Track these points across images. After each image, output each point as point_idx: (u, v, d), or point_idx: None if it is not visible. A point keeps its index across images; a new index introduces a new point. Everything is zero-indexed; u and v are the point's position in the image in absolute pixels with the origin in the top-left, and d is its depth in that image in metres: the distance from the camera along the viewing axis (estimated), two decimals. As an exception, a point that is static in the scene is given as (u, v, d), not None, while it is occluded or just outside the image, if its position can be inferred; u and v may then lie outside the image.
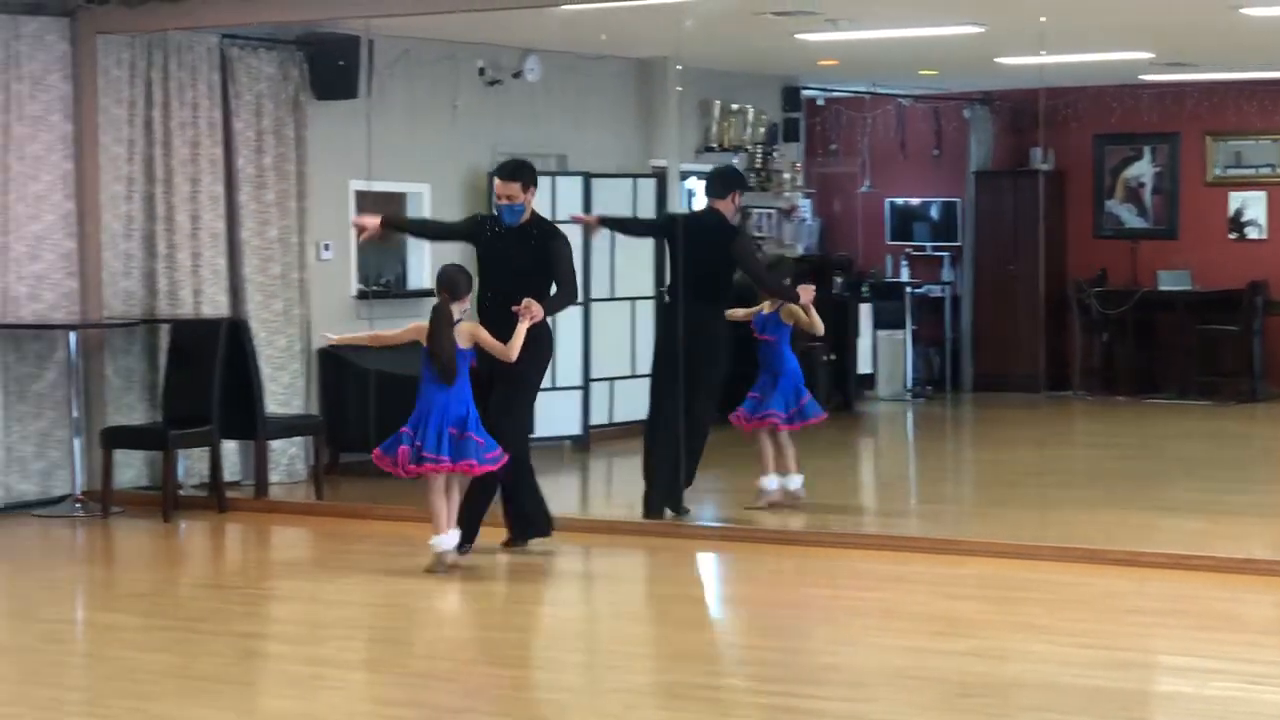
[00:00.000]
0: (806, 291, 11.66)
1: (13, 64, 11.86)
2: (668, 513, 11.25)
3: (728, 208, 11.44)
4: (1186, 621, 8.87)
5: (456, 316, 9.79)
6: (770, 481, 11.72)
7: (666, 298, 11.56)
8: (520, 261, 10.12)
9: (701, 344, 11.19)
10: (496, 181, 10.26)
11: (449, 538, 9.81)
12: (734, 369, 11.51)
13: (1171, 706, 7.39)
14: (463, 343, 9.75)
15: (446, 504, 9.79)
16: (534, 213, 10.29)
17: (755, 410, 11.68)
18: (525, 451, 10.32)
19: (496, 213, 10.33)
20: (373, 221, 10.52)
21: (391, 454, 9.72)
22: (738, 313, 11.71)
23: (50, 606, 9.42)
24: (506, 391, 10.09)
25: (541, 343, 10.15)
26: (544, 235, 10.24)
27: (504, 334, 9.79)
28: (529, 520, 10.41)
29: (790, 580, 9.86)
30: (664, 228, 11.82)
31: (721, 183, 11.53)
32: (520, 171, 10.22)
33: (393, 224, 10.83)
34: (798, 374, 11.79)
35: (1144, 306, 17.87)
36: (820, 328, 11.82)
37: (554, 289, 10.14)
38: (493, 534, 10.33)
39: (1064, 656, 7.95)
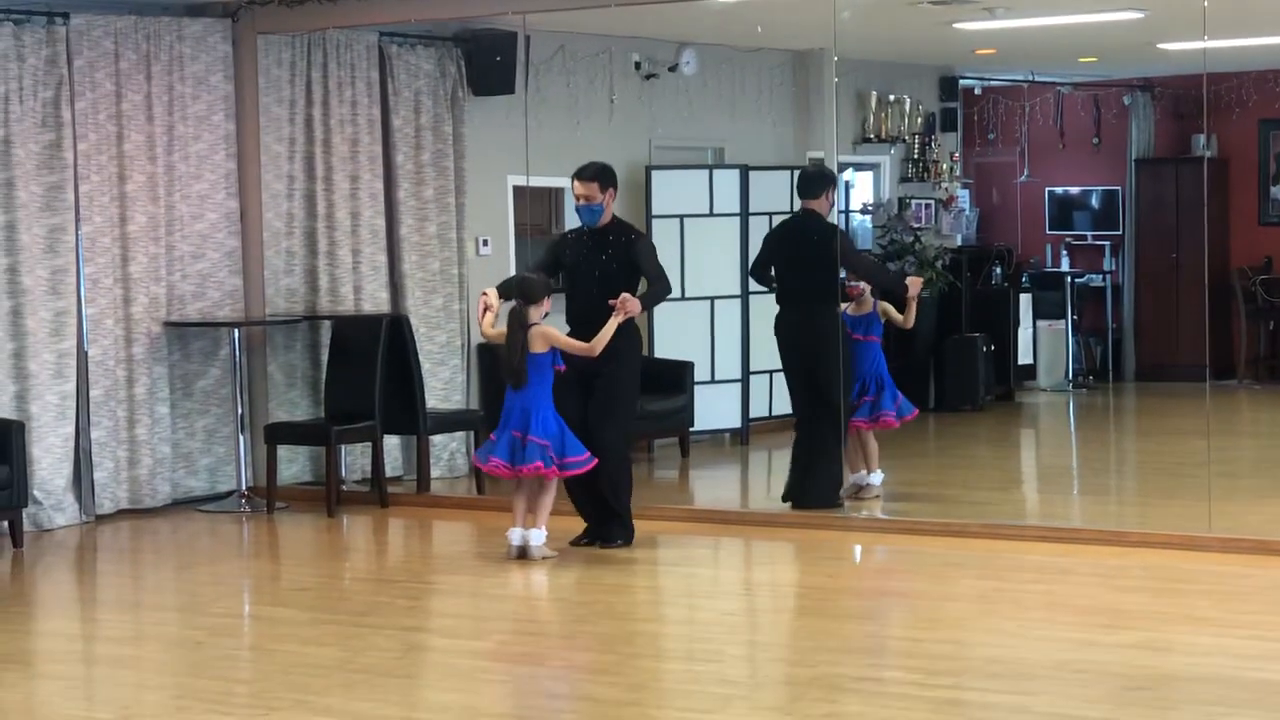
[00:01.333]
0: (915, 283, 11.72)
1: (176, 65, 12.01)
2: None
3: (823, 206, 11.49)
4: (1359, 614, 8.73)
5: (533, 321, 9.90)
6: (876, 477, 11.82)
7: (776, 305, 11.61)
8: (606, 266, 10.24)
9: (818, 345, 11.22)
10: (575, 182, 10.35)
11: (516, 533, 10.09)
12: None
13: (1345, 700, 7.27)
14: (536, 347, 9.90)
15: (524, 501, 10.12)
16: (615, 217, 10.41)
17: (872, 413, 11.73)
18: (626, 457, 10.39)
19: (577, 215, 10.43)
20: (492, 295, 10.29)
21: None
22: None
23: (218, 601, 9.55)
24: (604, 399, 10.19)
25: (632, 343, 10.25)
26: (626, 238, 10.36)
27: (594, 338, 9.95)
28: (609, 525, 10.39)
29: (952, 572, 9.78)
30: (772, 250, 11.76)
31: (814, 183, 11.54)
32: (600, 173, 10.33)
33: (503, 292, 10.71)
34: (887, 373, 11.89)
35: (1311, 294, 17.61)
36: (911, 323, 11.87)
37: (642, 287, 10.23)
38: (646, 530, 10.33)
39: (1232, 649, 7.84)
